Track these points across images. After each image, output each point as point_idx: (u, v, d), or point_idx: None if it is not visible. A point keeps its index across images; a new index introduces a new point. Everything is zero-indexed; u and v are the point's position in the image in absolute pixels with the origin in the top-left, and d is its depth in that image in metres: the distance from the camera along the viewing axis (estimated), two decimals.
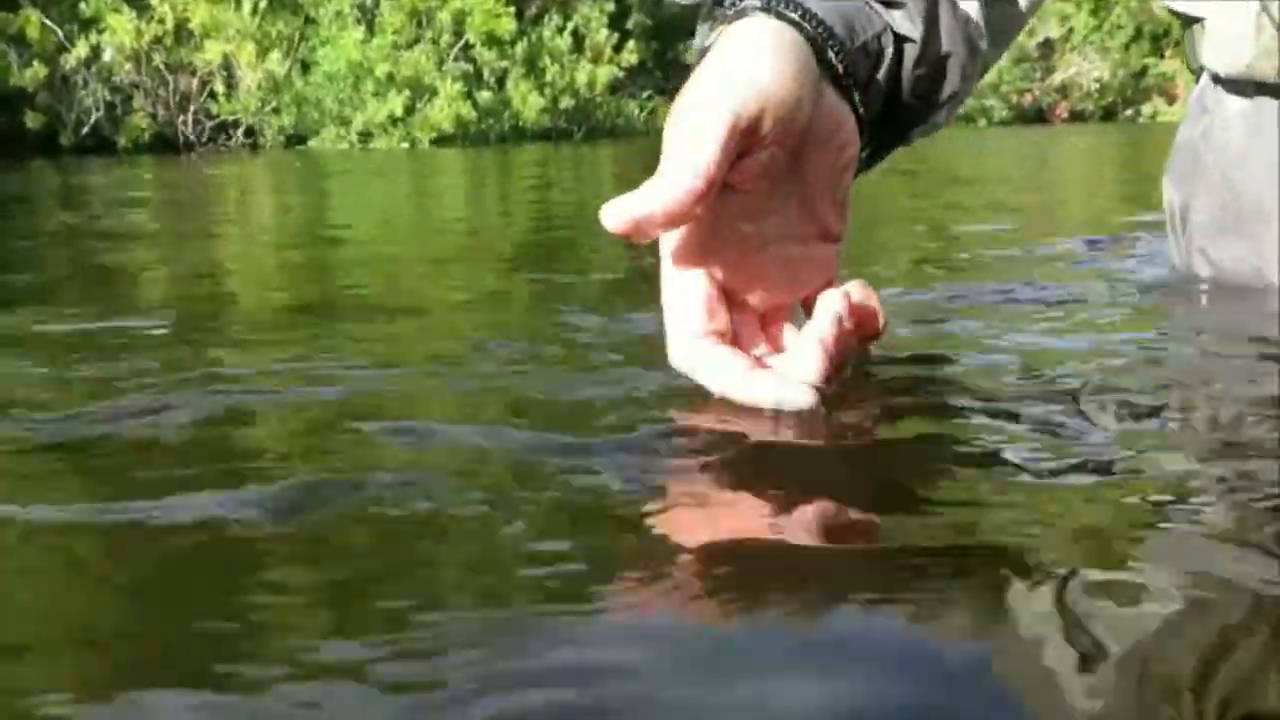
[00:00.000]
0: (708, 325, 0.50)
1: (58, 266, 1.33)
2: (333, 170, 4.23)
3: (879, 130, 0.59)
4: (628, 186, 0.48)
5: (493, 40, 8.65)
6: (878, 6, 0.57)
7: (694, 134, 0.47)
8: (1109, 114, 12.76)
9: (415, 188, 2.89)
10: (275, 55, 7.83)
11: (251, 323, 0.87)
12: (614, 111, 9.34)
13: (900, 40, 0.58)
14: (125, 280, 1.16)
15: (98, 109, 7.26)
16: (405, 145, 7.58)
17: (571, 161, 4.63)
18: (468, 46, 8.64)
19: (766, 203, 0.52)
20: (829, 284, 0.54)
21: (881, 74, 0.57)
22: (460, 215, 1.95)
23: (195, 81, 7.67)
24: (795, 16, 0.51)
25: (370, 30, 8.28)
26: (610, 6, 9.46)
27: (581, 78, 8.99)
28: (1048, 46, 12.80)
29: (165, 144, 7.43)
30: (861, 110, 0.55)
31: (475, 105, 8.20)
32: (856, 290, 0.53)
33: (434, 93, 8.08)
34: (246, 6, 7.74)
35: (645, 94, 9.67)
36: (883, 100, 0.58)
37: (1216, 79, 0.87)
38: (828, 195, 0.54)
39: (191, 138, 7.60)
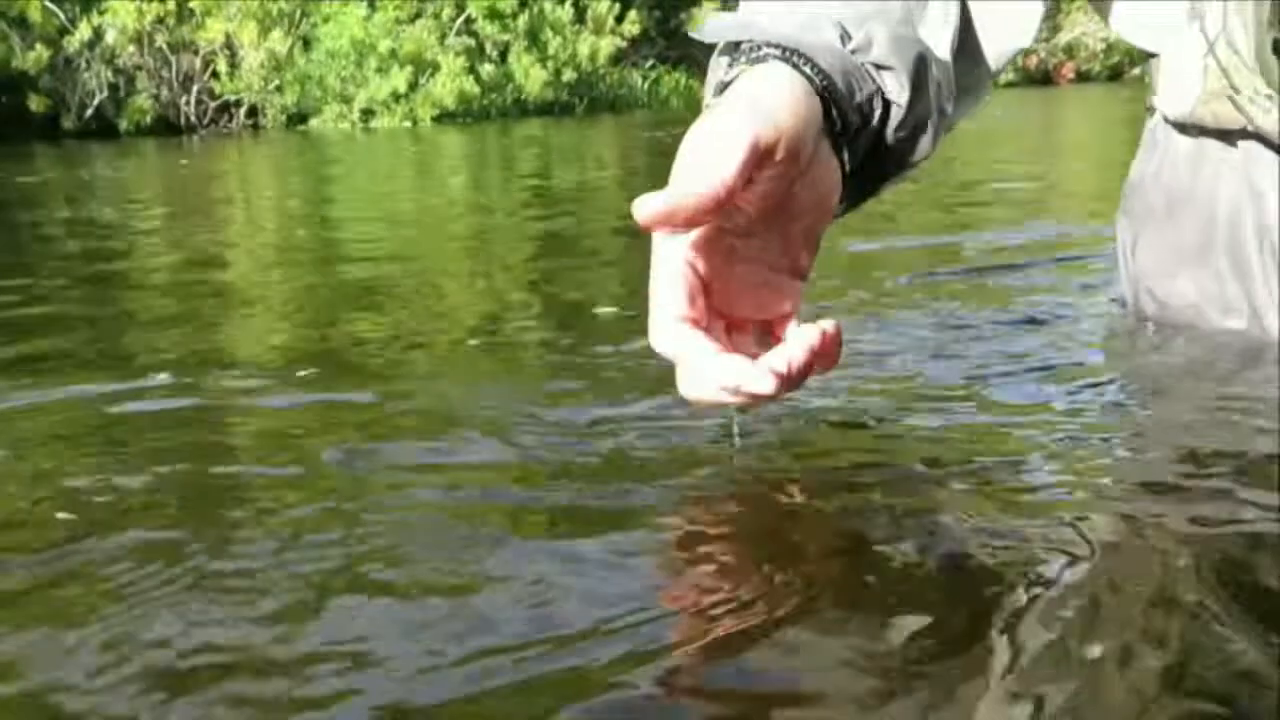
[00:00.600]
0: (688, 311, 0.57)
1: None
2: (336, 157, 4.24)
3: (852, 184, 0.63)
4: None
5: (494, 14, 8.64)
6: (870, 68, 0.61)
7: (722, 149, 0.55)
8: (1115, 74, 12.68)
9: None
10: (277, 33, 7.84)
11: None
12: (617, 83, 9.32)
13: (887, 103, 0.62)
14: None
15: (101, 91, 7.28)
16: (407, 124, 7.58)
17: (576, 140, 4.63)
18: (469, 20, 8.63)
19: (756, 226, 0.59)
20: (791, 313, 0.61)
21: (868, 132, 0.61)
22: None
23: (198, 61, 7.69)
24: (808, 71, 0.59)
25: (372, 6, 8.27)
26: None
27: (584, 49, 8.97)
28: (1053, 6, 12.68)
29: (167, 126, 7.45)
30: (846, 165, 0.60)
31: (478, 80, 8.20)
32: (830, 326, 0.59)
33: (436, 68, 8.08)
34: None
35: (648, 63, 9.64)
36: (862, 157, 0.62)
37: (1166, 118, 0.90)
38: (804, 235, 0.61)
39: (194, 119, 7.63)
